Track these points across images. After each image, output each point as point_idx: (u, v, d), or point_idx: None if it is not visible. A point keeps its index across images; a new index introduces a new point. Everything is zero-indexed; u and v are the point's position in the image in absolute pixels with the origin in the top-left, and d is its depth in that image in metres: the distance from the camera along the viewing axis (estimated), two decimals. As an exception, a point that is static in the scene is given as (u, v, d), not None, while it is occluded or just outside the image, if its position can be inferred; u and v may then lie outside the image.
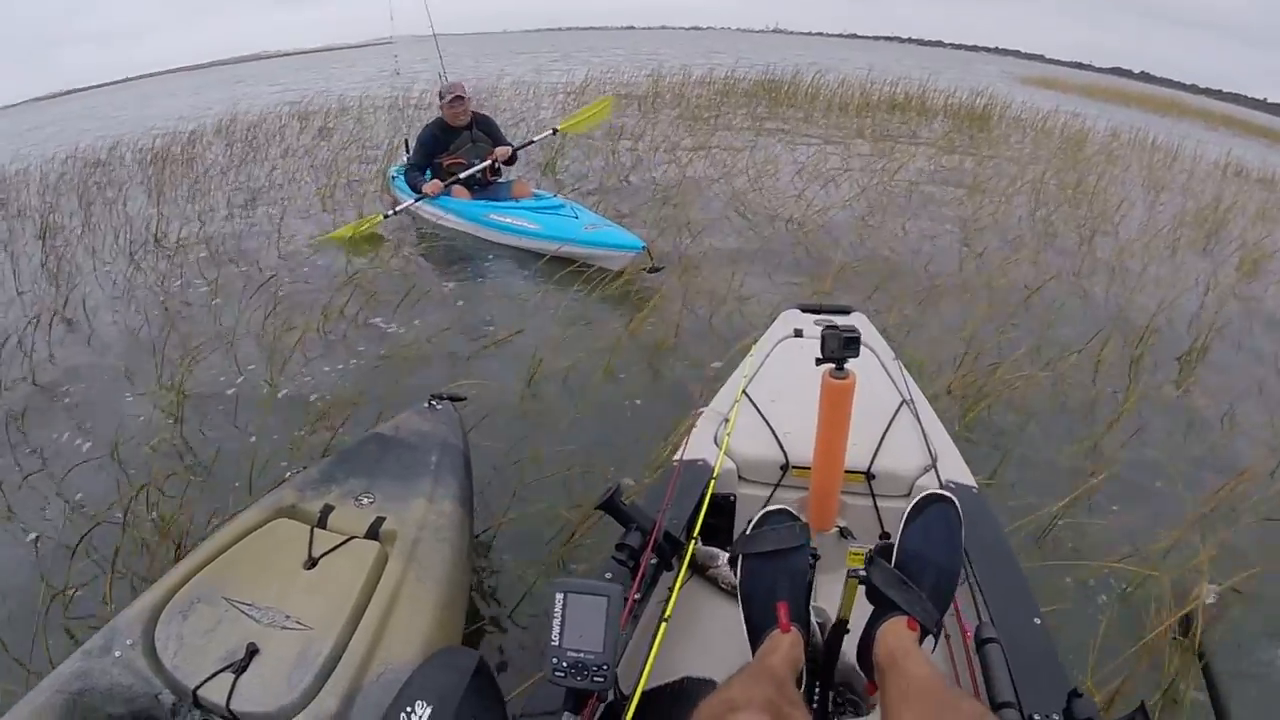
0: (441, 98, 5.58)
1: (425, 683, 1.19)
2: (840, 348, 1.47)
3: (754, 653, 1.25)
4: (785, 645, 1.19)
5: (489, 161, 5.67)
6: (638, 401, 3.50)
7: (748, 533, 1.38)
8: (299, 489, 1.93)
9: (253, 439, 3.16)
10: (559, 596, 1.09)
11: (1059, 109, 15.51)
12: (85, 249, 5.93)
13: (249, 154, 9.65)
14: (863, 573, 1.23)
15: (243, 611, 1.54)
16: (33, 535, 2.62)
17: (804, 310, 2.79)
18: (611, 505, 1.48)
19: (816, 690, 1.30)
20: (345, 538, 1.75)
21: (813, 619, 1.33)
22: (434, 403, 2.35)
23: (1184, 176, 10.44)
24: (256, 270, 5.22)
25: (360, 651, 1.47)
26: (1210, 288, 5.43)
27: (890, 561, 1.26)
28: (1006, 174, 8.79)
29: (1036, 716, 1.15)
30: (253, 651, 1.45)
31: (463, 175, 5.67)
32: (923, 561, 1.25)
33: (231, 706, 1.39)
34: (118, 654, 1.47)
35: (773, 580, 1.30)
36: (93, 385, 3.74)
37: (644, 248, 4.77)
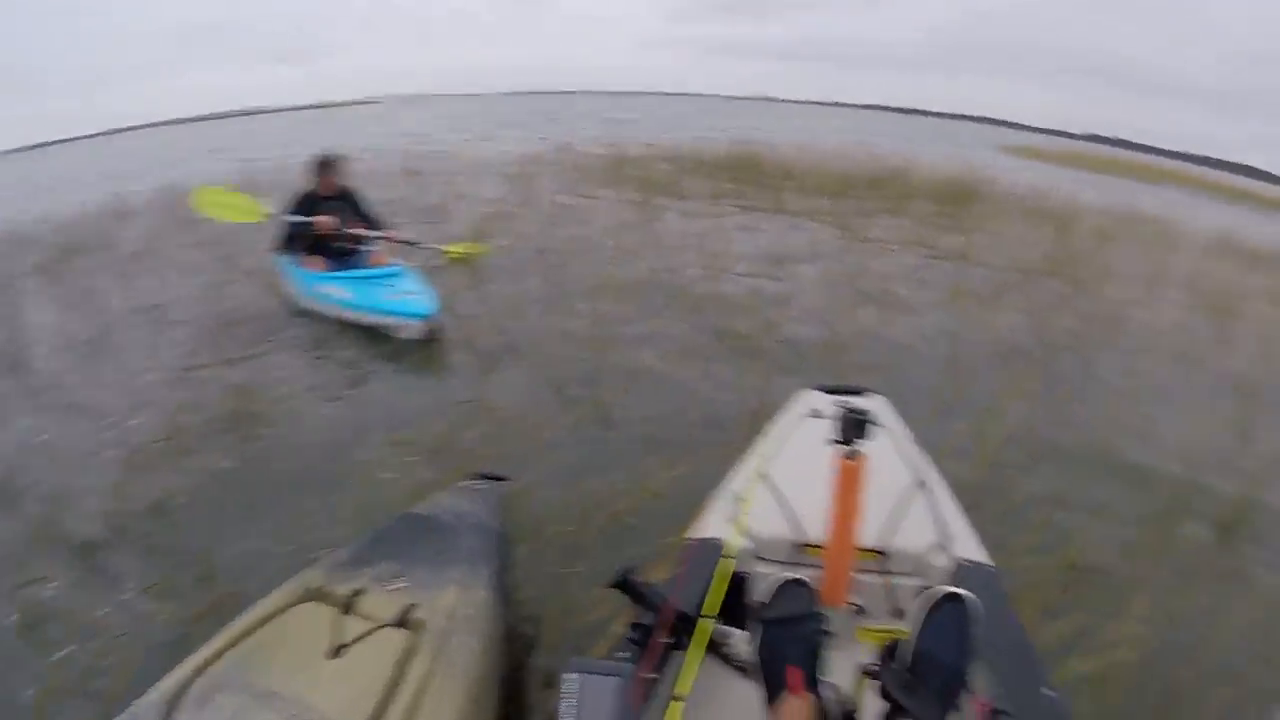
0: (313, 167, 5.54)
1: None
2: (852, 429, 1.61)
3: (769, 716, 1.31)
4: (799, 711, 1.25)
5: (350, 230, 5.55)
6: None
7: (768, 601, 1.42)
8: (328, 570, 1.86)
9: None
10: (572, 677, 1.12)
11: (1052, 185, 14.74)
12: None
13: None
14: (875, 667, 1.28)
15: (264, 703, 1.47)
16: None
17: (822, 391, 2.79)
18: (624, 584, 1.48)
19: None
20: (373, 626, 1.67)
21: (828, 696, 1.33)
22: (474, 482, 2.30)
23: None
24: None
25: None
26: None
27: (904, 662, 1.28)
28: (995, 278, 7.76)
29: None
30: None
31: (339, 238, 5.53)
32: (935, 664, 1.28)
33: None
34: None
35: (788, 646, 1.35)
36: None
37: (427, 315, 4.88)
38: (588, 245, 7.57)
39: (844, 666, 1.40)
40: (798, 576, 1.47)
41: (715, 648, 1.71)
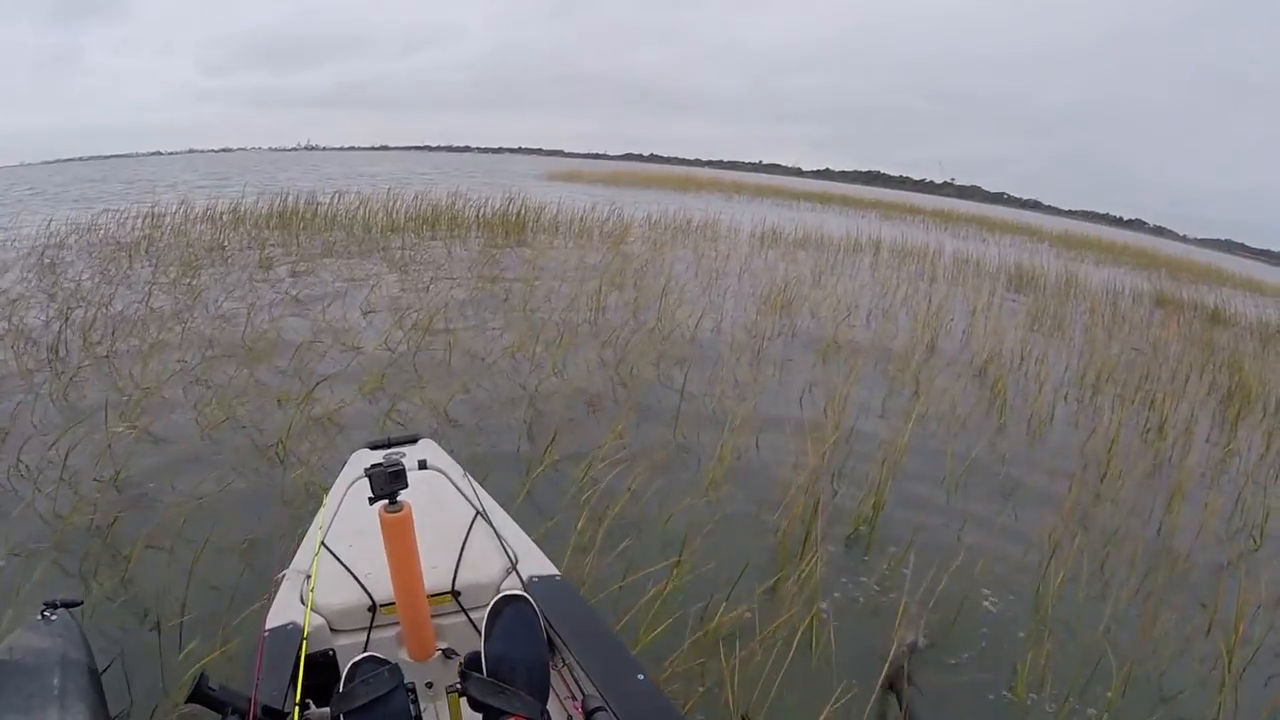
0: None
1: None
2: (387, 483, 1.54)
3: None
4: None
5: None
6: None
7: (340, 690, 1.36)
8: None
9: None
10: None
11: (594, 205, 15.71)
12: None
13: None
14: (459, 686, 1.31)
15: None
16: None
17: (373, 448, 2.65)
18: (200, 694, 1.35)
19: None
20: None
21: None
22: (46, 613, 2.05)
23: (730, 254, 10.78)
24: None
25: None
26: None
27: (482, 671, 1.34)
28: (561, 298, 7.81)
29: None
30: None
31: None
32: (511, 662, 1.35)
33: None
34: None
35: None
36: None
37: None
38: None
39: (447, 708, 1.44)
40: (369, 654, 1.41)
41: None
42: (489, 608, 1.39)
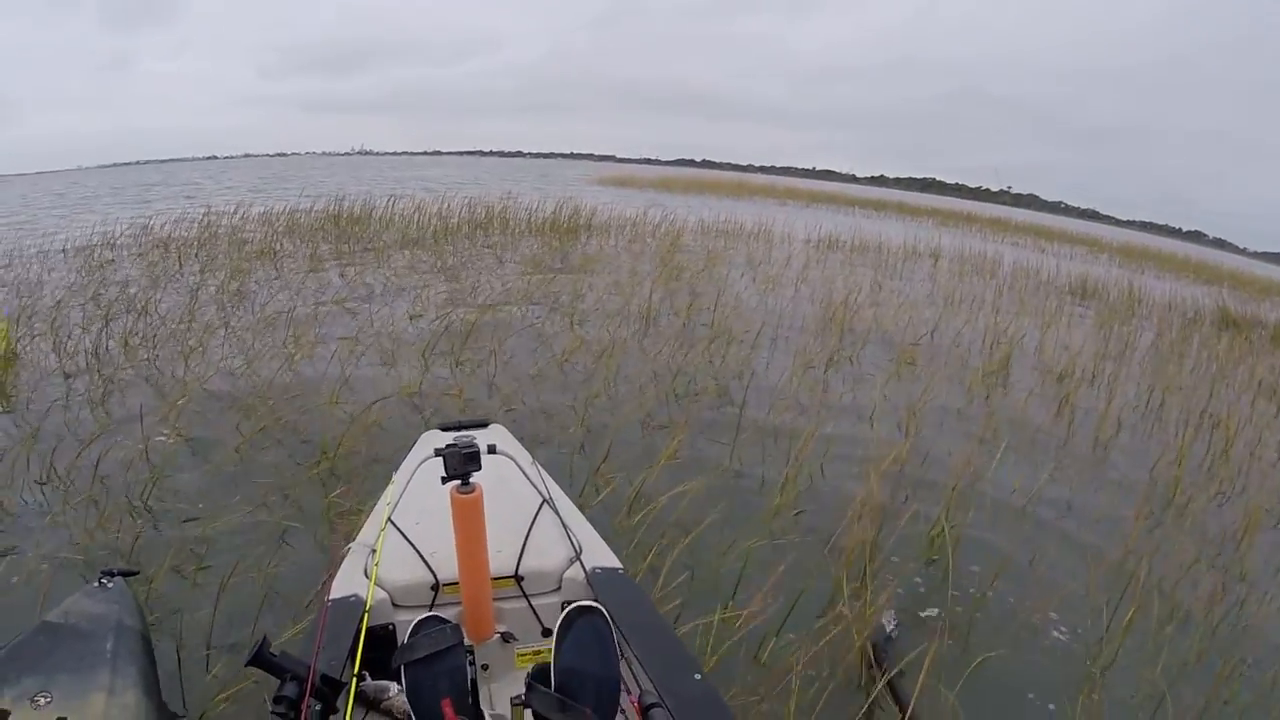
0: None
1: None
2: (461, 464, 1.58)
3: None
4: None
5: None
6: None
7: (403, 644, 1.39)
8: None
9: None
10: None
11: (645, 210, 15.51)
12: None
13: None
14: (523, 698, 1.26)
15: None
16: None
17: (444, 429, 2.71)
18: (260, 659, 1.34)
19: None
20: None
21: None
22: (104, 580, 2.14)
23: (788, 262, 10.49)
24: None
25: None
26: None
27: (549, 683, 1.27)
28: (613, 305, 7.55)
29: None
30: None
31: None
32: (581, 677, 1.27)
33: None
34: None
35: (435, 682, 1.31)
36: None
37: None
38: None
39: (506, 695, 1.49)
40: (434, 614, 1.43)
41: (374, 705, 1.68)
42: (560, 619, 1.33)
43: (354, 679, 1.46)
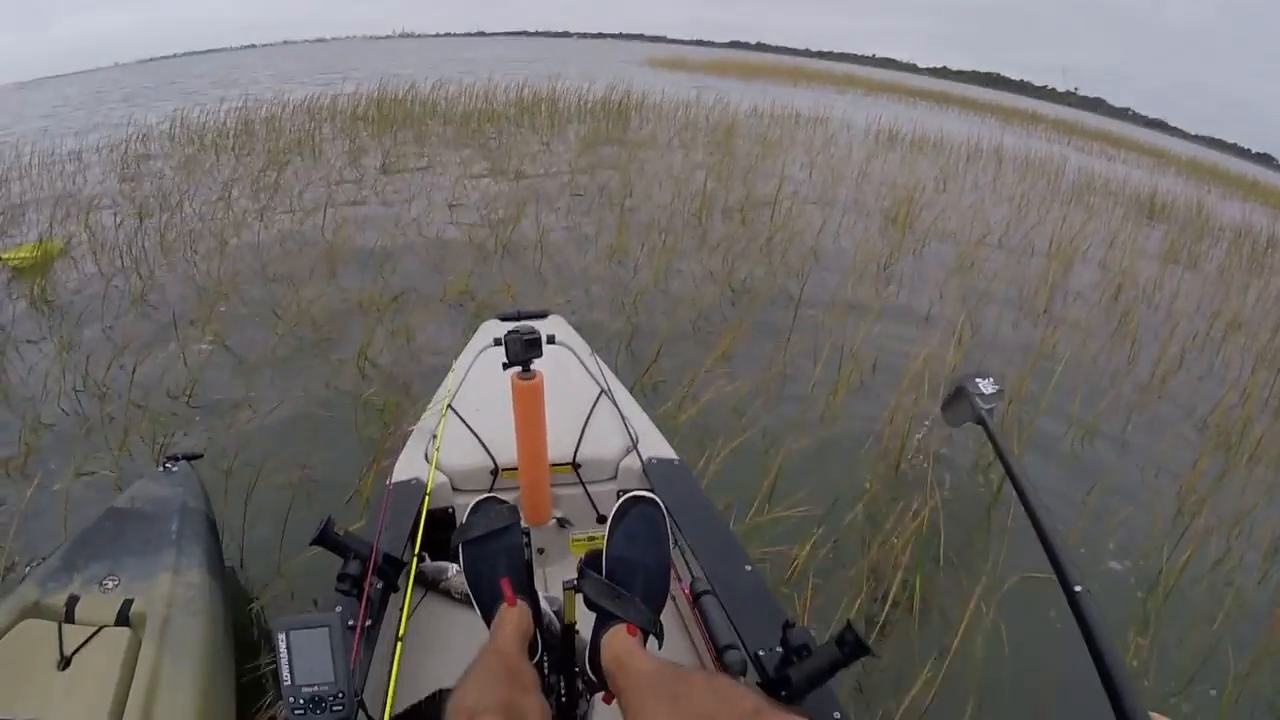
0: None
1: None
2: (522, 351, 1.57)
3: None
4: (514, 618, 1.19)
5: None
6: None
7: (462, 523, 1.37)
8: (40, 583, 1.72)
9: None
10: (280, 636, 1.02)
11: (698, 95, 14.73)
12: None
13: None
14: (574, 582, 1.25)
15: None
16: None
17: (503, 319, 2.71)
18: (325, 538, 1.37)
19: (551, 674, 1.30)
20: (95, 628, 1.59)
21: (544, 606, 1.31)
22: (168, 465, 2.19)
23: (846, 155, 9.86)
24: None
25: None
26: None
27: (600, 569, 1.26)
28: (664, 196, 7.21)
29: (761, 652, 1.26)
30: None
31: None
32: (631, 565, 1.26)
33: None
34: None
35: (493, 560, 1.30)
36: None
37: None
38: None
39: (559, 580, 1.38)
40: (492, 494, 1.41)
41: (433, 585, 1.79)
42: (615, 506, 1.31)
43: (414, 559, 1.53)
